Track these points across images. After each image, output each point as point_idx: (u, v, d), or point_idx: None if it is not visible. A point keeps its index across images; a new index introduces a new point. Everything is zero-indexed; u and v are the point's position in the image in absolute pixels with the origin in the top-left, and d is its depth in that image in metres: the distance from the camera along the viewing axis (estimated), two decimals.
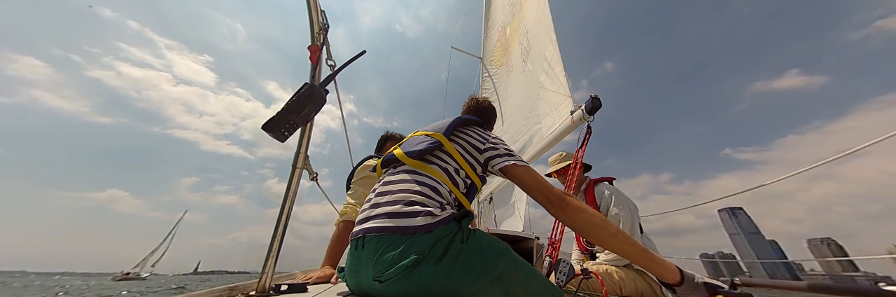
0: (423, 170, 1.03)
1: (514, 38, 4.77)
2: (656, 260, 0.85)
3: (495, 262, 0.84)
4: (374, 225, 0.89)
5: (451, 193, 1.01)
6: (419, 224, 0.84)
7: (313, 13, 1.20)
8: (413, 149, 1.08)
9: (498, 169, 1.06)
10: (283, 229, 1.16)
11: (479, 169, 1.11)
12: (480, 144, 1.11)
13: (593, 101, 1.97)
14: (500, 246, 0.89)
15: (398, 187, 0.98)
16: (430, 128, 1.20)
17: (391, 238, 0.84)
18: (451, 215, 0.89)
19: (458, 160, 1.07)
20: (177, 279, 79.61)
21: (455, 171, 1.05)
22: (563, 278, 1.37)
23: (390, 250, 0.82)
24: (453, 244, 0.82)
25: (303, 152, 1.25)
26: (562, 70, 2.88)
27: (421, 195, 0.94)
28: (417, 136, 1.17)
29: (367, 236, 0.88)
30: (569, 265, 1.41)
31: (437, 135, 1.11)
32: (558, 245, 1.67)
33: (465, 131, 1.17)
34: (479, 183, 1.11)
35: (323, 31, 1.22)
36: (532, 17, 3.99)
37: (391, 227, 0.86)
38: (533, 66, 3.64)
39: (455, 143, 1.11)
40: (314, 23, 1.21)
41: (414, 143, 1.13)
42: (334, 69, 1.35)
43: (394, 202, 0.92)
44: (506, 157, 1.06)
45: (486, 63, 6.34)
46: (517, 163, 1.04)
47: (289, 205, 1.18)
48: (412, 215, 0.87)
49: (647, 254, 0.85)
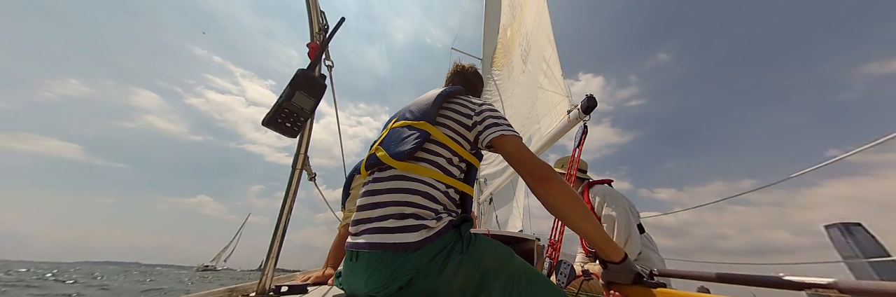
0: (414, 172, 0.91)
1: (515, 39, 4.77)
2: (611, 244, 0.92)
3: (498, 270, 0.80)
4: (365, 241, 0.84)
5: (448, 189, 0.93)
6: (414, 240, 0.78)
7: (313, 14, 1.21)
8: (398, 150, 0.95)
9: (486, 145, 0.99)
10: (282, 230, 1.16)
11: (470, 147, 1.03)
12: (467, 119, 1.02)
13: (589, 100, 1.97)
14: (503, 252, 0.86)
15: (388, 199, 0.88)
16: (411, 114, 1.05)
17: (384, 255, 0.79)
18: (448, 224, 0.84)
19: (450, 147, 0.97)
20: (244, 273, 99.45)
21: (448, 161, 0.96)
22: (564, 279, 1.37)
23: (384, 267, 0.78)
24: (452, 255, 0.78)
25: (303, 153, 1.25)
26: (559, 70, 2.89)
27: (414, 206, 0.85)
28: (399, 128, 1.03)
29: (361, 251, 0.84)
30: (569, 266, 1.41)
31: (421, 124, 0.98)
32: (558, 246, 1.66)
33: (450, 107, 1.05)
34: (476, 162, 1.04)
35: (322, 32, 1.22)
36: (531, 19, 4.00)
37: (384, 243, 0.80)
38: (532, 67, 3.65)
39: (442, 126, 1.00)
40: (314, 23, 1.22)
41: (397, 139, 0.99)
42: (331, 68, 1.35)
43: (385, 217, 0.85)
44: (492, 128, 0.97)
45: (487, 64, 6.35)
46: (504, 133, 0.96)
47: (288, 206, 1.18)
48: (406, 230, 0.81)
49: (606, 237, 0.91)
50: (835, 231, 2.47)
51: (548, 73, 3.08)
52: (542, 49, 3.33)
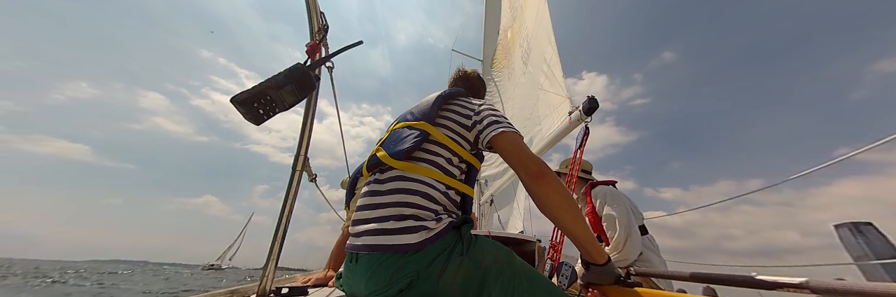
0: (414, 172, 0.91)
1: (515, 41, 4.78)
2: (596, 245, 0.92)
3: (499, 272, 0.80)
4: (365, 243, 0.83)
5: (448, 189, 0.92)
6: (414, 242, 0.78)
7: (312, 14, 1.21)
8: (398, 149, 0.95)
9: (486, 145, 0.98)
10: (283, 232, 1.16)
11: (470, 148, 1.02)
12: (467, 120, 1.01)
13: (590, 101, 1.97)
14: (504, 254, 0.85)
15: (388, 199, 0.88)
16: (411, 116, 1.06)
17: (383, 257, 0.79)
18: (448, 225, 0.83)
19: (450, 147, 0.97)
20: (248, 272, 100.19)
21: (447, 161, 0.96)
22: (565, 281, 1.36)
23: (384, 270, 0.78)
24: (453, 257, 0.78)
25: (303, 154, 1.25)
26: (560, 71, 2.89)
27: (413, 207, 0.85)
28: (399, 129, 1.04)
29: (360, 253, 0.84)
30: (571, 268, 1.40)
31: (421, 124, 0.99)
32: (560, 248, 1.65)
33: (450, 108, 1.05)
34: (476, 163, 1.03)
35: (321, 32, 1.22)
36: (532, 20, 4.01)
37: (383, 245, 0.80)
38: (533, 68, 3.65)
39: (442, 127, 1.00)
40: (313, 23, 1.22)
41: (397, 139, 1.00)
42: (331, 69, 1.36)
43: (385, 218, 0.85)
44: (491, 126, 0.96)
45: (487, 66, 6.36)
46: (504, 130, 0.95)
47: (289, 208, 1.18)
48: (405, 231, 0.80)
49: (592, 239, 0.91)
50: (845, 231, 2.43)
51: (549, 74, 3.08)
52: (543, 50, 3.34)
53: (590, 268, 0.96)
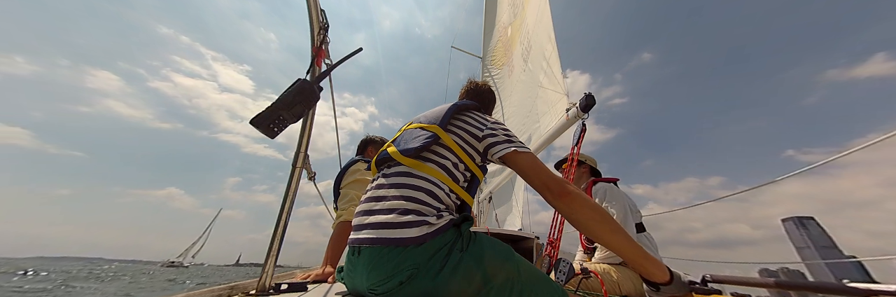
0: (420, 170, 0.95)
1: (516, 38, 4.77)
2: (650, 259, 0.85)
3: (498, 269, 0.81)
4: (367, 236, 0.85)
5: (450, 192, 0.96)
6: (415, 236, 0.80)
7: (313, 12, 1.21)
8: (408, 146, 0.99)
9: (498, 158, 1.00)
10: (283, 228, 1.17)
11: (478, 159, 1.05)
12: (479, 131, 1.04)
13: (587, 98, 1.98)
14: (503, 250, 0.86)
15: (393, 193, 0.91)
16: (425, 118, 1.12)
17: (385, 250, 0.81)
18: (449, 222, 0.85)
19: (457, 153, 1.00)
20: (215, 269, 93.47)
21: (454, 165, 0.99)
22: (563, 277, 1.38)
23: (385, 262, 0.79)
24: (452, 253, 0.79)
25: (303, 151, 1.25)
26: (559, 68, 2.89)
27: (417, 202, 0.88)
28: (412, 129, 1.09)
29: (362, 246, 0.85)
30: (569, 264, 1.42)
31: (433, 127, 1.03)
32: (557, 244, 1.67)
33: (461, 119, 1.09)
34: (480, 175, 1.05)
35: (323, 31, 1.22)
36: (533, 17, 3.99)
37: (385, 238, 0.82)
38: (533, 65, 3.65)
39: (452, 133, 1.04)
40: (314, 22, 1.21)
41: (409, 138, 1.04)
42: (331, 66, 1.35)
43: (389, 211, 0.87)
44: (505, 143, 0.99)
45: (487, 63, 6.34)
46: (518, 149, 0.97)
47: (289, 204, 1.19)
48: (407, 225, 0.82)
49: (642, 252, 0.85)
50: (790, 225, 2.48)
51: (548, 71, 3.08)
52: (543, 48, 3.33)
53: (660, 289, 0.87)
